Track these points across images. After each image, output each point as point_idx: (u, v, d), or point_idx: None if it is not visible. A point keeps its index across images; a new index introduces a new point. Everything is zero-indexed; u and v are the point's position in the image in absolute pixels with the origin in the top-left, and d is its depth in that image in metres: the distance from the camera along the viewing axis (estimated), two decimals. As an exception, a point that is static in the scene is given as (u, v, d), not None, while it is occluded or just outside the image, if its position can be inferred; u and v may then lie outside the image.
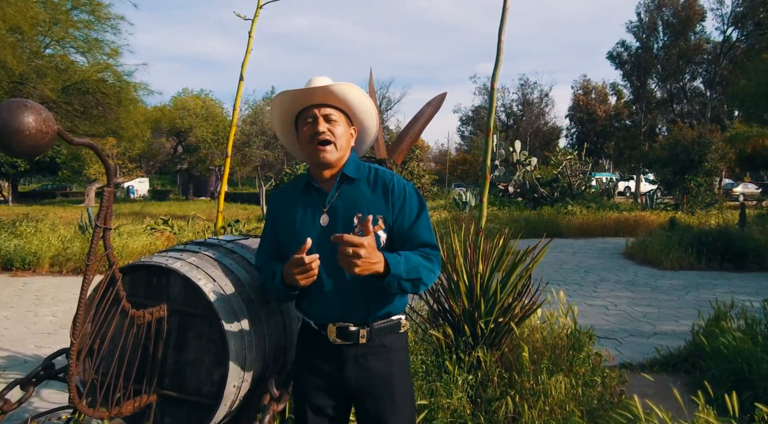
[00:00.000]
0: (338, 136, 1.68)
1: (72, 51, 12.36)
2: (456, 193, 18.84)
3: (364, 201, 1.70)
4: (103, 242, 1.55)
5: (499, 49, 3.31)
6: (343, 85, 1.69)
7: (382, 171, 1.81)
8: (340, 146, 1.69)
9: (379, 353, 1.71)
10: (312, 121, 1.68)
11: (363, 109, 1.78)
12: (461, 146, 52.05)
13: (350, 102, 1.73)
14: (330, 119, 1.69)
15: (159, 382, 1.86)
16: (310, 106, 1.70)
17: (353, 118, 1.79)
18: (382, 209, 1.71)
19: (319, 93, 1.68)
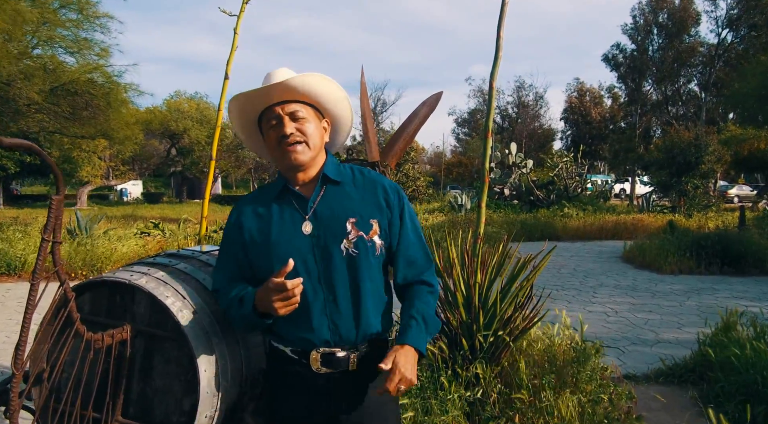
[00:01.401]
0: (309, 134, 1.48)
1: (61, 51, 12.15)
2: (451, 196, 18.68)
3: (352, 205, 1.51)
4: (53, 256, 1.36)
5: (498, 46, 3.14)
6: (305, 77, 1.47)
7: (368, 171, 1.63)
8: (313, 145, 1.49)
9: (371, 381, 1.51)
10: (276, 123, 1.47)
11: (332, 98, 1.56)
12: (456, 148, 51.96)
13: (316, 94, 1.51)
14: (297, 117, 1.47)
15: (123, 411, 1.67)
16: (271, 106, 1.48)
17: (323, 110, 1.57)
18: (374, 213, 1.52)
19: (279, 90, 1.46)
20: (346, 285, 1.48)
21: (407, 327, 1.50)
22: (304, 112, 1.49)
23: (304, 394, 1.49)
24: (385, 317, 1.56)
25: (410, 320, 1.51)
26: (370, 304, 1.50)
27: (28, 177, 38.20)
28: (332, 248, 1.46)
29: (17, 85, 10.39)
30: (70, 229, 11.31)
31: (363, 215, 1.50)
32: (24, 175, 34.73)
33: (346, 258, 1.47)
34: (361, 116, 3.09)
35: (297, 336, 1.48)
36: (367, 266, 1.50)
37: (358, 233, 1.49)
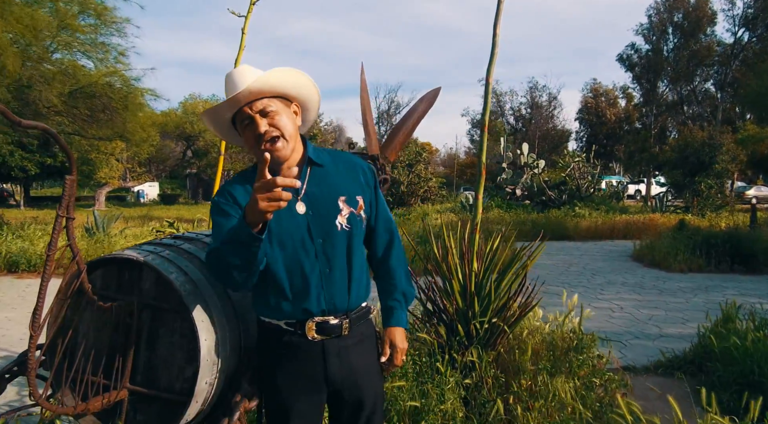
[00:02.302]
0: (283, 126, 1.55)
1: (79, 55, 12.47)
2: (464, 196, 18.72)
3: (339, 184, 1.64)
4: (66, 231, 1.49)
5: (494, 42, 3.25)
6: (263, 78, 1.53)
7: (341, 153, 1.78)
8: (289, 135, 1.56)
9: (359, 343, 1.67)
10: (249, 123, 1.54)
11: (293, 86, 1.62)
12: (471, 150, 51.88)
13: (277, 87, 1.58)
14: (267, 112, 1.54)
15: (131, 378, 1.80)
16: (240, 108, 1.55)
17: (289, 97, 1.64)
18: (359, 190, 1.67)
19: (243, 95, 1.52)
20: (342, 258, 1.61)
21: (393, 310, 1.79)
22: (273, 105, 1.55)
23: (298, 361, 1.61)
24: (366, 287, 1.72)
25: (394, 302, 1.79)
26: (357, 274, 1.65)
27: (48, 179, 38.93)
28: (329, 224, 1.59)
29: (37, 89, 10.69)
30: (88, 227, 11.60)
31: (350, 193, 1.64)
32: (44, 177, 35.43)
33: (342, 233, 1.60)
34: (361, 111, 3.21)
35: (294, 309, 1.58)
36: (358, 239, 1.66)
37: (350, 210, 1.62)
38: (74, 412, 1.60)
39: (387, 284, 1.80)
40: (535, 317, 3.68)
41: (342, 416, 1.70)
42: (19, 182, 33.86)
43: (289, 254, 1.55)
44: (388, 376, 2.66)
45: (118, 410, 1.80)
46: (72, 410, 1.60)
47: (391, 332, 1.77)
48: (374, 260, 1.80)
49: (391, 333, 1.77)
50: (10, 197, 35.07)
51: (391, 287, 1.80)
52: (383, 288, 1.82)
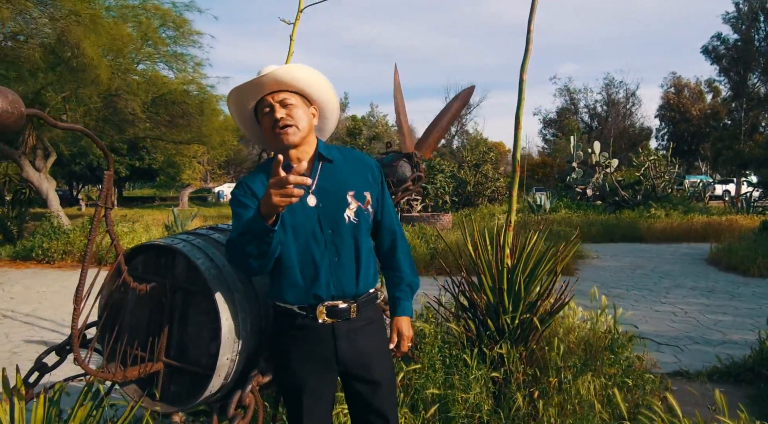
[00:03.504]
0: (298, 118, 1.69)
1: (161, 66, 13.46)
2: (531, 197, 18.32)
3: (348, 180, 1.76)
4: (105, 219, 1.72)
5: (528, 39, 3.26)
6: (287, 68, 1.69)
7: (351, 150, 1.90)
8: (302, 127, 1.70)
9: (367, 325, 1.78)
10: (269, 111, 1.69)
11: (315, 86, 1.77)
12: (545, 150, 50.47)
13: (300, 82, 1.72)
14: (286, 104, 1.69)
15: (166, 353, 2.02)
16: (264, 97, 1.71)
17: (310, 98, 1.79)
18: (366, 186, 1.79)
19: (268, 81, 1.68)
20: (350, 248, 1.74)
21: (399, 300, 1.91)
22: (293, 99, 1.72)
23: (310, 341, 1.74)
24: (374, 274, 1.84)
25: (401, 293, 1.91)
26: (365, 263, 1.77)
27: (138, 180, 41.90)
28: (338, 217, 1.72)
29: (124, 97, 11.64)
30: (167, 224, 12.49)
31: (358, 188, 1.77)
32: (135, 178, 38.19)
33: (349, 225, 1.72)
34: (395, 111, 3.32)
35: (306, 294, 1.72)
36: (365, 232, 1.78)
37: (357, 204, 1.75)
38: (113, 378, 1.83)
39: (393, 276, 1.92)
40: (575, 316, 3.64)
41: (355, 395, 1.81)
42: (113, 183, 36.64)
43: (301, 244, 1.69)
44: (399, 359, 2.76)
45: (155, 380, 2.03)
46: (111, 376, 1.83)
47: (398, 321, 1.89)
48: (381, 252, 1.92)
49: (398, 322, 1.89)
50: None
51: (397, 279, 1.91)
52: (390, 280, 1.93)
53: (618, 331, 3.23)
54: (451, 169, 20.04)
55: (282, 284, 1.74)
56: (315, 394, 1.77)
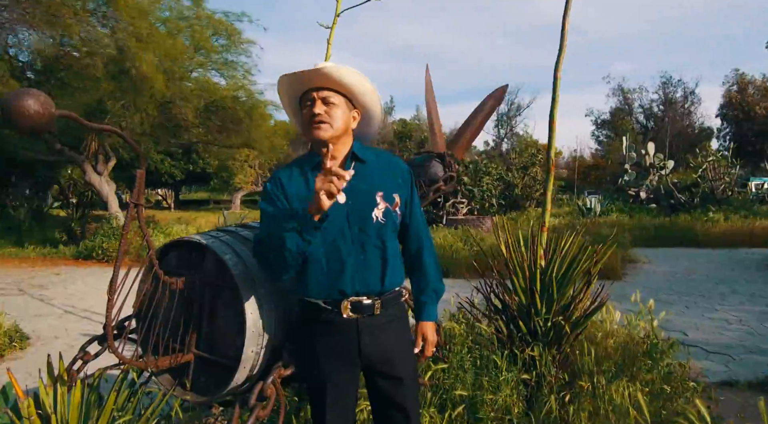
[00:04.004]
0: (335, 117, 1.74)
1: (213, 73, 13.97)
2: (581, 201, 17.83)
3: (379, 181, 1.80)
4: (137, 216, 1.82)
5: (562, 35, 3.21)
6: (337, 68, 1.73)
7: (385, 152, 1.95)
8: (336, 127, 1.75)
9: (391, 322, 1.81)
10: (311, 104, 1.75)
11: (361, 91, 1.81)
12: (599, 151, 48.95)
13: (346, 84, 1.77)
14: (328, 102, 1.74)
15: (196, 344, 2.11)
16: (310, 90, 1.77)
17: (355, 101, 1.83)
18: (396, 189, 1.82)
19: (314, 76, 1.74)
20: (376, 247, 1.78)
21: (425, 305, 1.94)
22: (336, 99, 1.77)
23: (334, 335, 1.78)
24: (400, 273, 1.86)
25: (426, 297, 1.94)
26: (391, 262, 1.80)
27: (193, 184, 43.48)
28: (366, 216, 1.76)
29: (177, 104, 12.14)
30: (218, 226, 12.90)
31: (388, 190, 1.80)
32: (190, 182, 39.66)
33: (376, 225, 1.76)
34: (427, 111, 3.34)
35: (331, 289, 1.76)
36: (391, 232, 1.82)
37: (385, 205, 1.79)
38: (145, 366, 1.93)
39: (419, 280, 1.94)
40: (612, 320, 3.54)
41: (377, 390, 1.84)
42: (169, 187, 38.21)
43: (329, 240, 1.74)
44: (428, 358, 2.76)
45: (186, 371, 2.12)
46: (143, 364, 1.94)
47: (423, 326, 1.92)
48: (407, 256, 1.94)
49: (423, 327, 1.92)
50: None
51: (423, 284, 1.94)
52: (416, 284, 1.95)
53: (658, 336, 3.11)
54: (498, 172, 19.78)
55: (308, 279, 1.78)
56: (338, 388, 1.80)
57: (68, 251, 12.07)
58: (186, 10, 12.61)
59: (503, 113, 53.64)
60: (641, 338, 3.15)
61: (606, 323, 3.55)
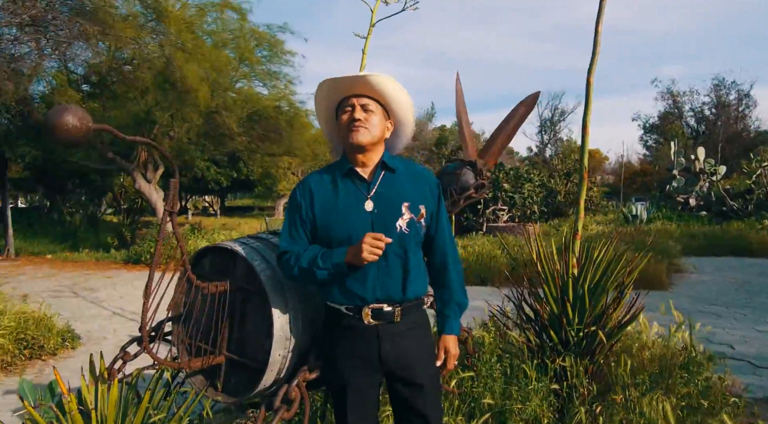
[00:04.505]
0: (372, 124, 1.80)
1: (257, 84, 14.36)
2: (627, 208, 17.32)
3: (406, 191, 1.84)
4: (171, 222, 1.92)
5: (595, 41, 3.17)
6: (380, 77, 1.79)
7: (414, 163, 1.99)
8: (374, 134, 1.80)
9: (411, 329, 1.83)
10: (350, 110, 1.81)
11: (399, 101, 1.87)
12: (647, 156, 47.40)
13: (386, 93, 1.83)
14: (367, 109, 1.80)
15: (227, 347, 2.19)
16: (349, 97, 1.83)
17: (390, 111, 1.89)
18: (423, 199, 1.85)
19: (358, 83, 1.80)
20: (398, 256, 1.81)
21: (448, 318, 1.94)
22: (374, 107, 1.83)
23: (355, 341, 1.82)
24: (423, 283, 1.89)
25: (450, 311, 1.94)
26: (413, 272, 1.83)
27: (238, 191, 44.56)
28: (389, 225, 1.79)
29: (221, 114, 12.53)
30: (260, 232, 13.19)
31: (414, 201, 1.83)
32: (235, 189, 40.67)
33: (399, 234, 1.79)
34: (457, 119, 3.35)
35: (353, 295, 1.80)
36: (414, 243, 1.84)
37: (410, 215, 1.82)
38: (178, 367, 2.02)
39: (443, 293, 1.95)
40: (650, 332, 3.45)
41: (398, 397, 1.87)
42: (215, 194, 39.29)
43: (348, 244, 1.78)
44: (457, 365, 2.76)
45: (218, 372, 2.21)
46: (176, 365, 2.03)
47: (445, 340, 1.93)
48: (432, 268, 1.96)
49: (445, 340, 1.93)
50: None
51: (446, 297, 1.95)
52: (440, 297, 1.97)
53: (695, 349, 3.01)
54: (540, 178, 19.47)
55: (333, 285, 1.83)
56: (359, 392, 1.84)
57: (119, 255, 12.61)
58: (231, 23, 13.03)
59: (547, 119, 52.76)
60: (678, 350, 3.05)
61: (643, 334, 3.46)
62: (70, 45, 9.02)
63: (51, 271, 10.80)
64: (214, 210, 40.68)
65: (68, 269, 11.03)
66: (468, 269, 8.53)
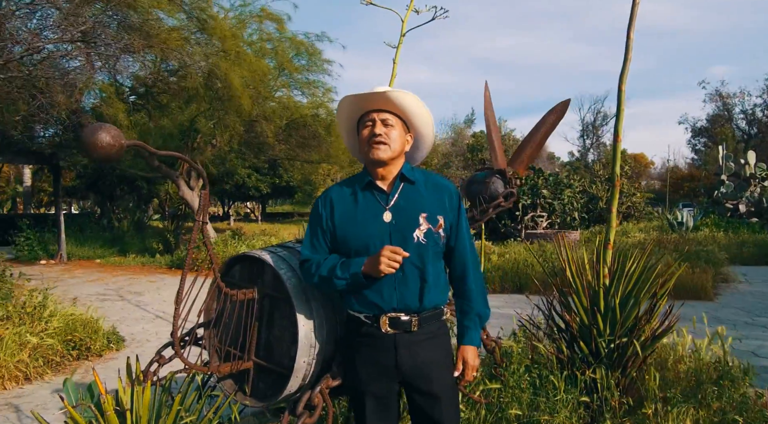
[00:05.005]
0: (392, 139, 1.85)
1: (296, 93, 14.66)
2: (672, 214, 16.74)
3: (424, 202, 1.87)
4: (202, 232, 2.00)
5: (627, 47, 3.11)
6: (400, 93, 1.84)
7: (434, 174, 2.01)
8: (394, 149, 1.85)
9: (429, 339, 1.86)
10: (371, 125, 1.86)
11: (419, 116, 1.92)
12: (695, 161, 45.71)
13: (406, 109, 1.88)
14: (387, 124, 1.85)
15: (256, 352, 2.26)
16: (370, 111, 1.88)
17: (410, 125, 1.94)
18: (441, 211, 1.88)
19: (378, 99, 1.85)
20: (415, 267, 1.84)
21: (467, 329, 1.95)
22: (394, 121, 1.88)
23: (374, 348, 1.86)
24: (442, 293, 1.91)
25: (470, 322, 1.95)
26: (431, 282, 1.86)
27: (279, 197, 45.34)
28: (407, 235, 1.83)
29: (261, 122, 12.84)
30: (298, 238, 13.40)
31: (432, 212, 1.86)
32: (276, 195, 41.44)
33: (416, 245, 1.83)
34: (486, 127, 3.34)
35: (372, 304, 1.84)
36: (432, 253, 1.87)
37: (428, 226, 1.85)
38: (207, 371, 2.10)
39: (463, 304, 1.97)
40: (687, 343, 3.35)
41: (415, 406, 1.90)
42: (257, 200, 40.10)
43: (366, 254, 1.82)
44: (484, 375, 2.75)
45: (246, 376, 2.28)
46: (205, 369, 2.11)
47: (464, 350, 1.94)
48: (453, 279, 1.98)
49: (464, 351, 1.94)
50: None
51: (467, 308, 1.96)
52: (460, 307, 1.98)
53: (730, 362, 2.90)
54: (581, 184, 19.07)
55: (352, 293, 1.87)
56: (377, 399, 1.87)
57: (163, 259, 13.05)
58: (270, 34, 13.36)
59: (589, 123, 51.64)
60: (711, 362, 2.95)
61: (678, 346, 3.37)
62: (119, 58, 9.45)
63: (100, 275, 11.27)
64: (255, 216, 41.53)
65: (116, 273, 11.49)
66: (504, 276, 8.44)
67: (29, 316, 4.93)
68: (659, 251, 8.37)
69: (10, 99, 7.68)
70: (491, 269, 8.48)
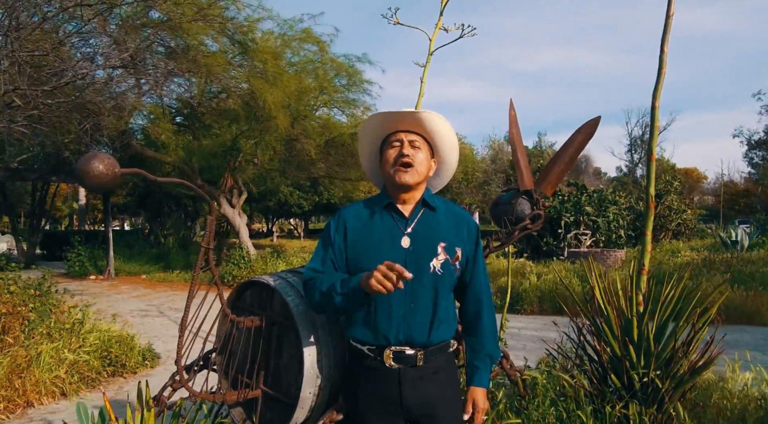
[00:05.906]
0: (419, 162, 1.78)
1: (336, 112, 14.85)
2: (726, 232, 15.90)
3: (444, 231, 1.79)
4: (207, 257, 1.98)
5: (661, 61, 2.96)
6: (432, 115, 1.78)
7: (453, 204, 1.93)
8: (420, 172, 1.78)
9: (434, 373, 1.77)
10: (398, 145, 1.79)
11: (447, 142, 1.86)
12: (753, 175, 43.50)
13: (436, 132, 1.82)
14: (414, 146, 1.79)
15: (264, 381, 2.21)
16: (397, 132, 1.81)
17: (435, 150, 1.87)
18: (459, 241, 1.80)
19: (408, 119, 1.78)
20: (428, 298, 1.76)
21: (477, 370, 1.86)
22: (421, 144, 1.81)
23: (377, 383, 1.78)
24: (450, 327, 1.82)
25: (480, 363, 1.86)
26: (442, 316, 1.77)
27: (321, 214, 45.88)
28: (423, 264, 1.75)
29: (301, 141, 13.03)
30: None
31: (451, 242, 1.78)
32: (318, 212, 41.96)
33: (432, 275, 1.75)
34: (511, 147, 3.23)
35: (375, 336, 1.76)
36: (446, 285, 1.79)
37: (446, 256, 1.77)
38: (213, 399, 2.07)
39: (475, 343, 1.88)
40: (738, 381, 3.11)
41: None
42: (299, 217, 40.72)
43: None
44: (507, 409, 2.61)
45: (255, 405, 2.23)
46: (211, 397, 2.07)
47: (474, 392, 1.84)
48: (465, 317, 1.89)
49: (474, 393, 1.84)
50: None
51: (478, 347, 1.87)
52: (470, 346, 1.89)
53: None
54: (627, 200, 18.42)
55: (356, 322, 1.80)
56: None
57: (205, 276, 13.30)
58: (312, 55, 13.61)
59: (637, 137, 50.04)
60: (755, 398, 2.71)
61: (729, 379, 3.12)
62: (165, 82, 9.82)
63: (144, 290, 11.60)
64: (298, 233, 42.15)
65: (159, 289, 11.80)
66: (542, 297, 8.17)
67: (67, 332, 5.08)
68: (709, 273, 7.91)
69: (61, 122, 8.07)
70: (528, 289, 8.23)
